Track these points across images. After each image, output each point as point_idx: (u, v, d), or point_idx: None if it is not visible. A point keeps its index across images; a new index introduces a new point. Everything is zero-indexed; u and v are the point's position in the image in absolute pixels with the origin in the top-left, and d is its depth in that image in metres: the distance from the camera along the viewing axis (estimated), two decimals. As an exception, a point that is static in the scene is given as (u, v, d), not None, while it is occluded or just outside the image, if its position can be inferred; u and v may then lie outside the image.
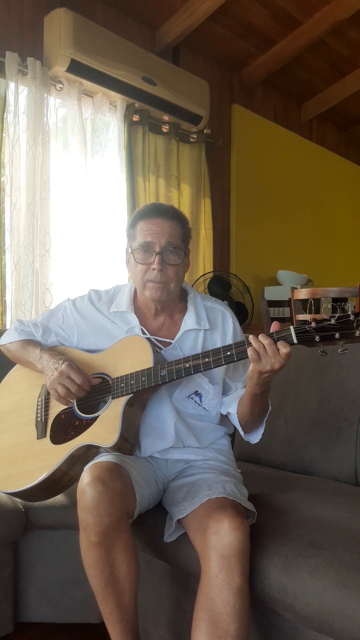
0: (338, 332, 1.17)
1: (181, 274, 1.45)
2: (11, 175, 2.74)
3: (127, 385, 1.36)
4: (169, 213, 1.43)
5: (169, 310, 1.50)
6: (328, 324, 1.18)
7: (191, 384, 1.45)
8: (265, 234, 4.50)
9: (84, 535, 1.23)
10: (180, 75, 3.54)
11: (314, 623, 1.09)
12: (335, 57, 4.28)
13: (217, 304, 1.54)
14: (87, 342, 1.54)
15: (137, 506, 1.29)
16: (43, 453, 1.42)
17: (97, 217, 3.18)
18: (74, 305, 1.56)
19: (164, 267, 1.39)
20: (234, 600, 1.11)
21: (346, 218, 5.53)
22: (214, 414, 1.50)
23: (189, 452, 1.47)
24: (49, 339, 1.58)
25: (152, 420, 1.44)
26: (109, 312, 1.52)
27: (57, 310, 1.59)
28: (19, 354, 1.57)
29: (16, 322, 1.63)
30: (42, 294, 2.83)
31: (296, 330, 1.20)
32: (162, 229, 1.40)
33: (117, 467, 1.26)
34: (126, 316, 1.50)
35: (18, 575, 1.60)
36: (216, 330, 1.50)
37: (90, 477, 1.21)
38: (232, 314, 1.54)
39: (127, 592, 1.26)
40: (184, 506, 1.26)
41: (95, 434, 1.35)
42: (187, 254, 1.48)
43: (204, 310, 1.50)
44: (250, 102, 4.43)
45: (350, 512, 1.36)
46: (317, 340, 1.19)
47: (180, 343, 1.46)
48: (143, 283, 1.42)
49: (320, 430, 1.76)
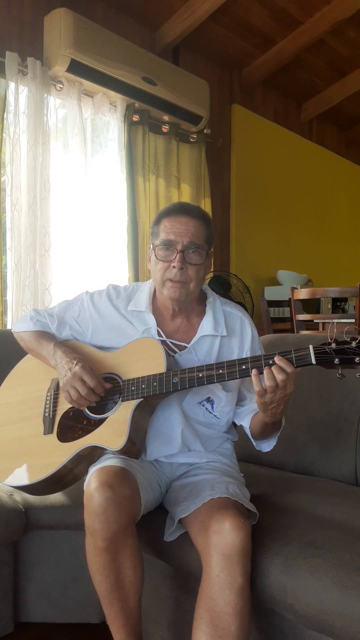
0: (358, 357, 1.13)
1: (202, 275, 1.42)
2: (12, 175, 2.74)
3: (138, 389, 1.34)
4: (195, 212, 1.41)
5: (187, 313, 1.47)
6: (349, 347, 1.14)
7: (204, 389, 1.42)
8: (265, 234, 4.50)
9: (91, 540, 1.22)
10: (180, 75, 3.54)
11: (314, 623, 1.09)
12: (335, 57, 4.28)
13: (237, 310, 1.51)
14: (100, 338, 1.51)
15: (142, 510, 1.29)
16: (49, 449, 1.41)
17: (97, 217, 3.18)
18: (91, 299, 1.53)
19: (184, 266, 1.37)
20: (235, 600, 1.11)
21: (346, 218, 5.53)
22: (224, 421, 1.47)
23: (194, 455, 1.45)
24: (63, 332, 1.55)
25: (160, 424, 1.42)
26: (127, 310, 1.49)
27: (75, 302, 1.56)
28: (32, 345, 1.54)
29: (32, 310, 1.60)
30: (42, 294, 2.83)
31: (316, 351, 1.17)
32: (187, 227, 1.38)
33: (124, 472, 1.25)
34: (144, 316, 1.47)
35: (18, 575, 1.60)
36: (234, 337, 1.47)
37: (98, 482, 1.19)
38: (251, 322, 1.51)
39: (132, 596, 1.25)
40: (186, 505, 1.26)
41: (102, 435, 1.34)
42: (210, 255, 1.46)
43: (222, 316, 1.47)
44: (250, 102, 4.43)
45: (350, 512, 1.36)
46: (337, 363, 1.15)
47: (196, 348, 1.44)
48: (162, 281, 1.40)
49: (320, 430, 1.76)
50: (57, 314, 1.56)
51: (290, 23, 3.77)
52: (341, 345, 1.15)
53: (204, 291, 1.53)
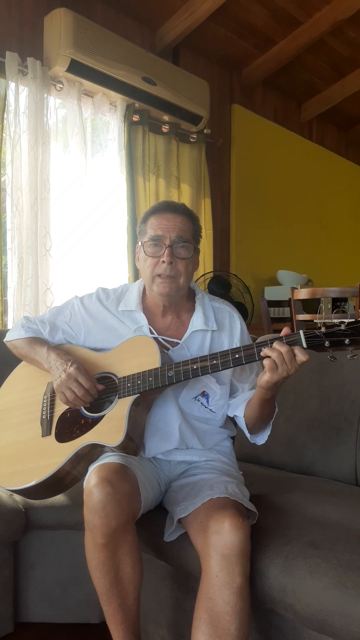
0: (348, 338, 1.16)
1: (190, 270, 1.46)
2: (12, 175, 2.74)
3: (134, 385, 1.35)
4: (180, 209, 1.45)
5: (177, 310, 1.50)
6: (338, 329, 1.17)
7: (198, 384, 1.45)
8: (265, 234, 4.50)
9: (90, 536, 1.22)
10: (180, 75, 3.54)
11: (314, 623, 1.09)
12: (335, 57, 4.28)
13: (225, 305, 1.55)
14: (94, 340, 1.53)
15: (141, 508, 1.29)
16: (47, 451, 1.41)
17: (97, 217, 3.18)
18: (82, 303, 1.56)
19: (173, 260, 1.40)
20: (234, 600, 1.11)
21: (346, 218, 5.53)
22: (219, 415, 1.49)
23: (192, 453, 1.46)
24: (56, 337, 1.56)
25: (157, 421, 1.43)
26: (117, 310, 1.51)
27: (65, 307, 1.58)
28: (25, 352, 1.56)
29: (23, 318, 1.62)
30: (43, 294, 2.84)
31: (306, 335, 1.20)
32: (174, 223, 1.41)
33: (124, 468, 1.26)
34: (134, 315, 1.50)
35: (18, 575, 1.60)
36: (224, 331, 1.50)
37: (98, 478, 1.20)
38: (239, 316, 1.54)
39: (131, 593, 1.26)
40: (185, 506, 1.26)
41: (101, 433, 1.35)
42: (198, 251, 1.49)
43: (211, 311, 1.50)
44: (250, 102, 4.43)
45: (350, 512, 1.36)
46: (327, 345, 1.18)
47: (188, 343, 1.46)
48: (152, 277, 1.42)
49: (320, 430, 1.76)
50: (49, 319, 1.58)
51: (290, 23, 3.77)
52: (331, 329, 1.18)
53: (192, 288, 1.55)
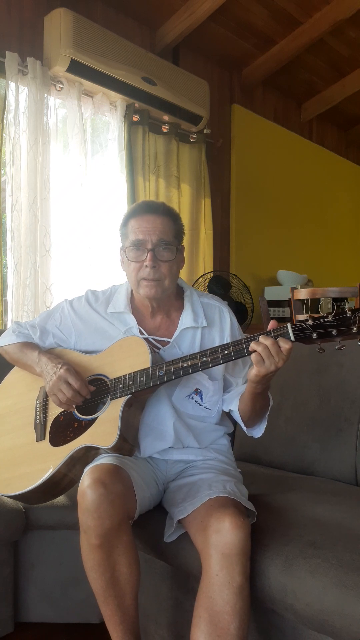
0: (335, 329, 1.17)
1: (175, 271, 1.45)
2: (12, 175, 2.74)
3: (126, 386, 1.36)
4: (160, 209, 1.43)
5: (166, 309, 1.50)
6: (325, 321, 1.18)
7: (191, 381, 1.45)
8: (265, 234, 4.49)
9: (85, 537, 1.23)
10: (180, 75, 3.54)
11: (314, 623, 1.09)
12: (335, 57, 4.28)
13: (214, 300, 1.54)
14: (84, 343, 1.54)
15: (138, 507, 1.29)
16: (42, 455, 1.41)
17: (97, 217, 3.18)
18: (71, 306, 1.56)
19: (157, 264, 1.39)
20: (234, 599, 1.11)
21: (346, 218, 5.53)
22: (214, 412, 1.50)
23: (189, 452, 1.46)
24: (47, 341, 1.58)
25: (151, 420, 1.44)
26: (107, 312, 1.52)
27: (55, 311, 1.59)
28: (17, 357, 1.57)
29: (14, 324, 1.63)
30: (43, 294, 2.84)
31: (293, 328, 1.21)
32: (154, 225, 1.40)
33: (117, 469, 1.26)
34: (124, 316, 1.50)
35: (18, 575, 1.60)
36: (214, 327, 1.50)
37: (91, 479, 1.21)
38: (229, 310, 1.53)
39: (128, 594, 1.26)
40: (184, 506, 1.26)
41: (94, 435, 1.35)
42: (181, 250, 1.48)
43: (200, 308, 1.50)
44: (250, 102, 4.43)
45: (350, 512, 1.36)
46: (315, 337, 1.19)
47: (179, 341, 1.46)
48: (137, 281, 1.43)
49: (320, 430, 1.76)
50: (39, 324, 1.59)
51: (290, 23, 3.77)
52: (318, 320, 1.18)
53: (181, 286, 1.55)
